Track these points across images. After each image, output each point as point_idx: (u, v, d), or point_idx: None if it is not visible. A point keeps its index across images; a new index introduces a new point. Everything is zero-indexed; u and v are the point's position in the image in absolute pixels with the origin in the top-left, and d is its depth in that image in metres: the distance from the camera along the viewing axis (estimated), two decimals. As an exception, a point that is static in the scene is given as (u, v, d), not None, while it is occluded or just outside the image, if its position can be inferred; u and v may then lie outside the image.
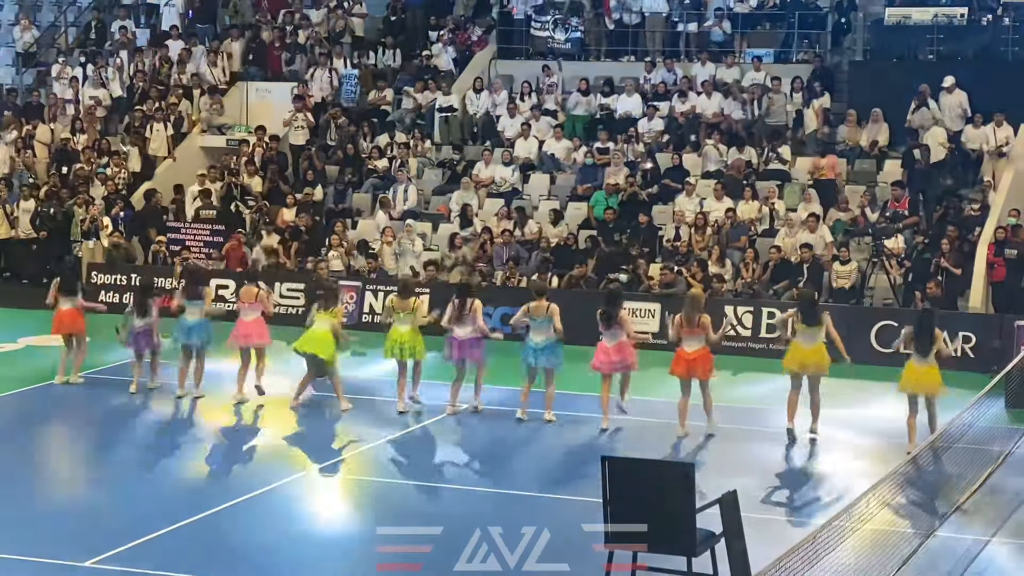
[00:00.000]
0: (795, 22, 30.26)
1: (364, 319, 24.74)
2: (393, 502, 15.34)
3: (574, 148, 28.87)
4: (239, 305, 20.12)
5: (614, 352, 18.16)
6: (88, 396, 20.10)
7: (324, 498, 15.84)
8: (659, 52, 30.93)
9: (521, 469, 16.80)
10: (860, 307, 23.83)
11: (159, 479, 16.16)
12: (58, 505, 15.08)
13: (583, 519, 12.73)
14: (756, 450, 17.46)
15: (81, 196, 28.58)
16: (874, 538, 12.83)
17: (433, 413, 18.99)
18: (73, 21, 35.93)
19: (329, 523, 14.92)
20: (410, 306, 19.08)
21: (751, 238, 25.71)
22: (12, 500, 15.01)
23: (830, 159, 27.05)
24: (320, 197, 28.73)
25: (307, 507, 15.34)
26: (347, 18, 33.02)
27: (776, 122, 28.39)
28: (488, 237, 26.37)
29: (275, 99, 31.36)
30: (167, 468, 16.73)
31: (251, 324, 19.66)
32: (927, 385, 17.11)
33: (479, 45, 32.26)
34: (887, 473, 13.32)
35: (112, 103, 32.17)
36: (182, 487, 15.78)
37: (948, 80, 27.20)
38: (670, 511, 10.66)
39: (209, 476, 16.61)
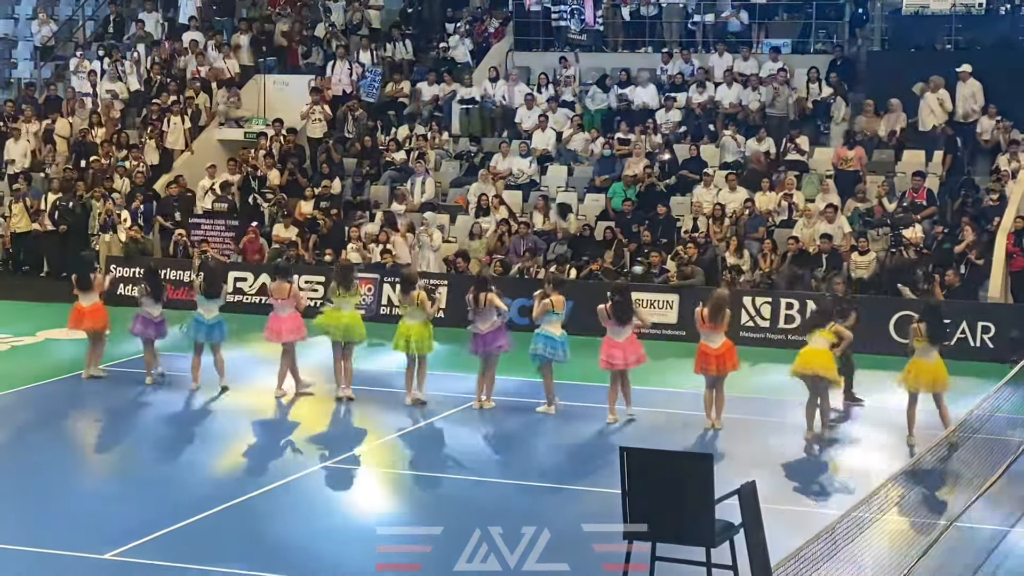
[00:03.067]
0: (813, 12, 30.19)
1: (382, 311, 24.75)
2: (402, 494, 15.40)
3: (592, 139, 28.85)
4: (272, 301, 20.06)
5: (629, 347, 18.14)
6: (107, 388, 20.13)
7: (341, 491, 15.86)
8: (676, 43, 30.88)
9: (539, 461, 16.82)
10: (878, 297, 23.78)
11: (176, 473, 16.17)
12: (77, 498, 15.12)
13: (598, 511, 12.73)
14: (775, 441, 17.44)
15: (98, 189, 28.66)
16: (893, 528, 12.81)
17: (449, 405, 18.99)
18: (91, 15, 36.02)
19: (347, 515, 14.95)
20: (413, 300, 19.05)
21: (769, 229, 25.67)
22: (31, 493, 15.06)
23: (857, 150, 26.98)
24: (338, 190, 28.75)
25: (325, 500, 15.37)
26: (364, 10, 33.03)
27: (780, 113, 28.35)
28: (506, 228, 26.37)
29: (292, 92, 31.37)
30: (185, 461, 16.74)
31: (286, 320, 19.60)
32: (932, 383, 17.05)
33: (496, 37, 32.25)
34: (907, 463, 13.30)
35: (129, 96, 32.24)
36: (200, 480, 15.81)
37: (965, 67, 27.10)
38: (688, 502, 10.65)
39: (229, 468, 16.64)
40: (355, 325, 19.43)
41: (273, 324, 19.67)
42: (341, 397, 19.19)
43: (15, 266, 29.34)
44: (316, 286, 25.28)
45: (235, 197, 28.54)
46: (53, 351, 22.43)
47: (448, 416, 18.60)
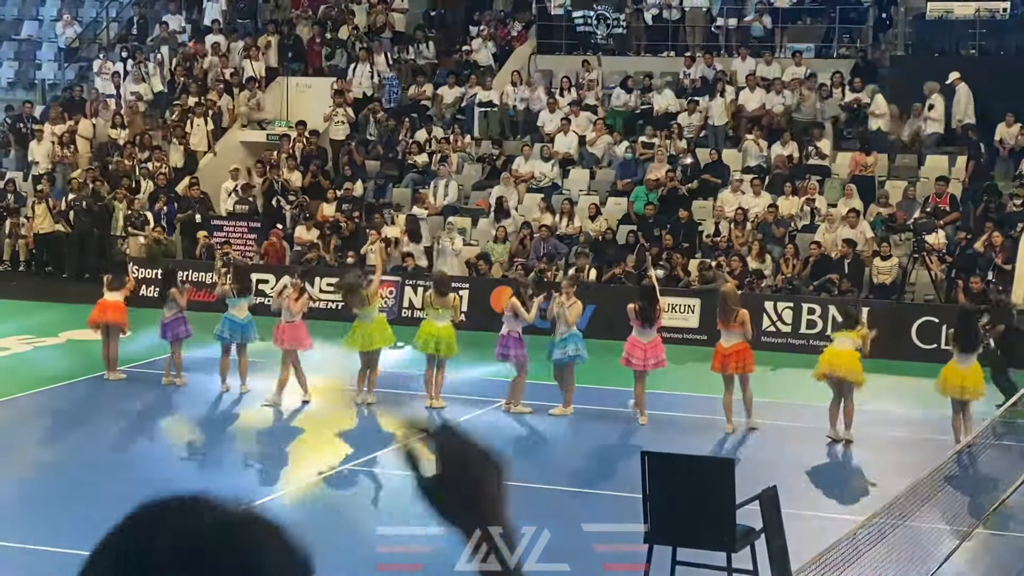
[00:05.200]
0: (836, 16, 30.13)
1: (404, 313, 24.75)
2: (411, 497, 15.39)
3: (614, 143, 28.83)
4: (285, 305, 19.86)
5: (651, 349, 18.16)
6: (128, 390, 20.18)
7: (357, 496, 15.87)
8: (698, 47, 30.85)
9: (561, 464, 16.82)
10: (901, 303, 23.71)
11: (189, 474, 16.22)
12: (100, 500, 15.14)
13: (620, 515, 12.70)
14: (796, 446, 17.40)
15: (120, 191, 28.74)
16: (915, 535, 12.76)
17: (471, 407, 19.00)
18: (115, 16, 36.15)
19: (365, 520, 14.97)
20: (449, 303, 19.06)
21: (791, 233, 25.62)
22: (53, 494, 15.10)
23: (874, 156, 26.91)
24: (360, 192, 28.79)
25: (344, 504, 15.39)
26: (388, 13, 33.08)
27: (806, 118, 28.31)
28: (528, 232, 26.38)
29: (315, 94, 31.43)
30: (200, 463, 16.80)
31: (287, 328, 19.38)
32: (969, 389, 16.99)
33: (519, 40, 32.25)
34: (928, 470, 13.24)
35: (153, 98, 32.34)
36: (218, 481, 15.82)
37: (953, 75, 27.06)
38: (710, 506, 10.64)
39: (246, 470, 16.68)
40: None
41: (276, 331, 19.45)
42: (362, 402, 19.17)
43: (39, 267, 29.45)
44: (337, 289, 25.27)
45: (257, 199, 28.59)
46: (76, 352, 22.48)
47: (468, 420, 18.61)
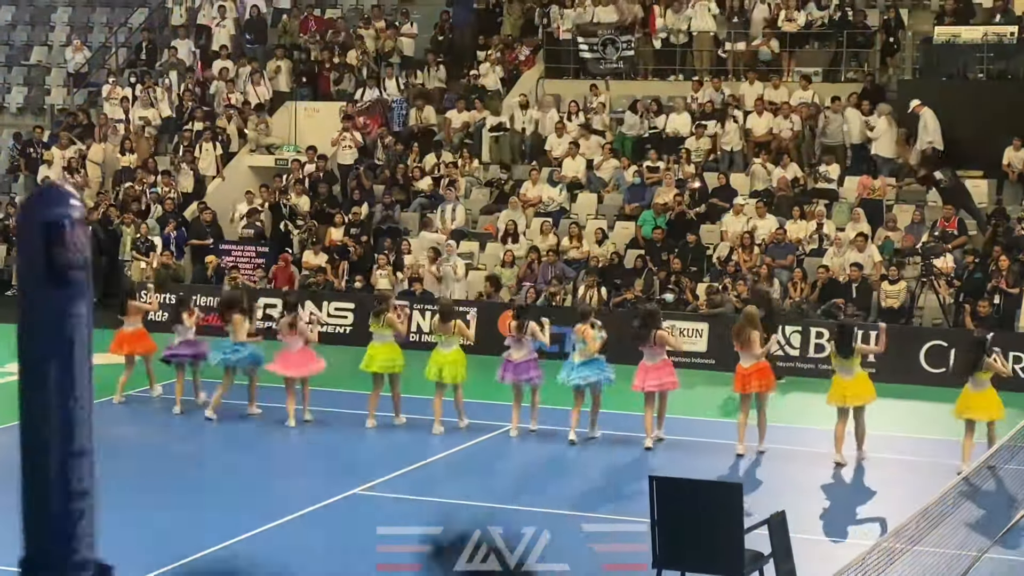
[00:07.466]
0: (843, 41, 30.15)
1: (411, 338, 24.73)
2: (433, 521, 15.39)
3: (623, 167, 28.84)
4: (281, 337, 19.93)
5: (653, 372, 18.22)
6: (144, 414, 20.26)
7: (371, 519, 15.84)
8: (706, 71, 30.89)
9: (567, 489, 16.78)
10: (909, 327, 23.68)
11: (200, 499, 16.19)
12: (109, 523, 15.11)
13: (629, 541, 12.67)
14: (805, 470, 17.37)
15: (128, 215, 28.80)
16: (924, 559, 12.70)
17: (481, 432, 18.98)
18: (124, 42, 36.26)
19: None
20: (451, 330, 19.12)
21: (799, 257, 25.62)
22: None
23: (881, 179, 26.94)
24: (368, 216, 28.82)
25: (356, 528, 15.35)
26: (396, 38, 33.15)
27: (832, 142, 28.31)
28: (536, 256, 26.38)
29: (323, 118, 31.49)
30: (210, 484, 16.77)
31: (294, 355, 19.52)
32: (982, 410, 16.96)
33: (526, 64, 32.30)
34: (937, 494, 13.20)
35: (161, 123, 32.43)
36: (225, 508, 15.79)
37: (914, 103, 27.09)
38: (718, 531, 10.63)
39: (254, 495, 16.64)
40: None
41: (280, 359, 19.55)
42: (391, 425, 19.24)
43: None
44: (345, 313, 25.27)
45: (264, 224, 28.64)
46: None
47: (478, 444, 18.59)
